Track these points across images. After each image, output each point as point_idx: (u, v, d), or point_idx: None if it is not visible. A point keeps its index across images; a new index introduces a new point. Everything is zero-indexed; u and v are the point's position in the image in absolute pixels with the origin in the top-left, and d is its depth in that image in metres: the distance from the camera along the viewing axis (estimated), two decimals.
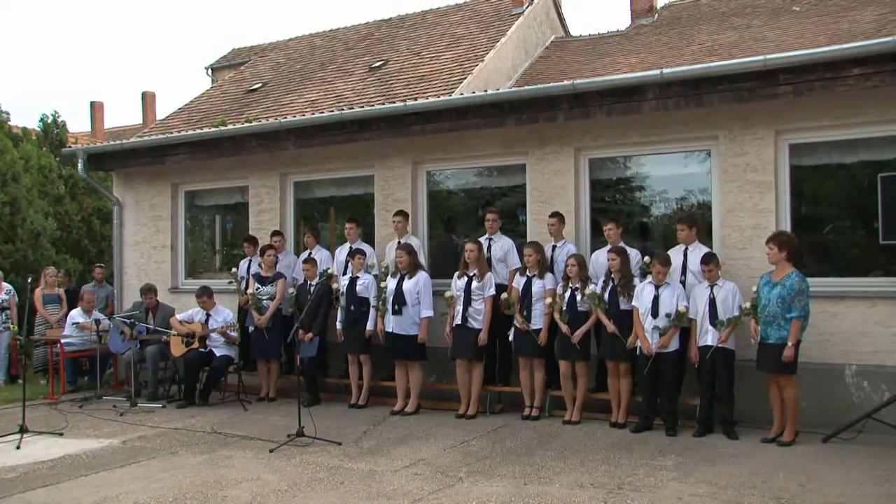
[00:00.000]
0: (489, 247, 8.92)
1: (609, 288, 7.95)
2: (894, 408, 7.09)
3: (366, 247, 9.67)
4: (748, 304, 7.35)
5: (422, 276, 8.81)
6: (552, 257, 8.64)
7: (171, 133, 12.17)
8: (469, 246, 8.58)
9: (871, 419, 7.06)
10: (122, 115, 66.90)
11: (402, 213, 9.60)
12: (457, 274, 8.69)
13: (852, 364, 7.67)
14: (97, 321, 10.66)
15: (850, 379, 7.67)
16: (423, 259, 9.39)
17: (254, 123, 11.01)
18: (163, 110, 30.29)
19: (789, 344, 6.93)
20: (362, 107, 10.44)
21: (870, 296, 7.68)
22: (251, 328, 9.89)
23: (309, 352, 9.17)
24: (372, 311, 9.05)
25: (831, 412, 7.50)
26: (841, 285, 7.88)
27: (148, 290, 10.45)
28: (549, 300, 8.16)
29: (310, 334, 9.20)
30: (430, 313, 8.75)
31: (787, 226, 8.01)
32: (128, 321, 10.09)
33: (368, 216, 10.38)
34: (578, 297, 8.05)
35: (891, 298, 7.59)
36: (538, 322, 8.24)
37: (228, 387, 9.99)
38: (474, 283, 8.49)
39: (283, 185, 11.17)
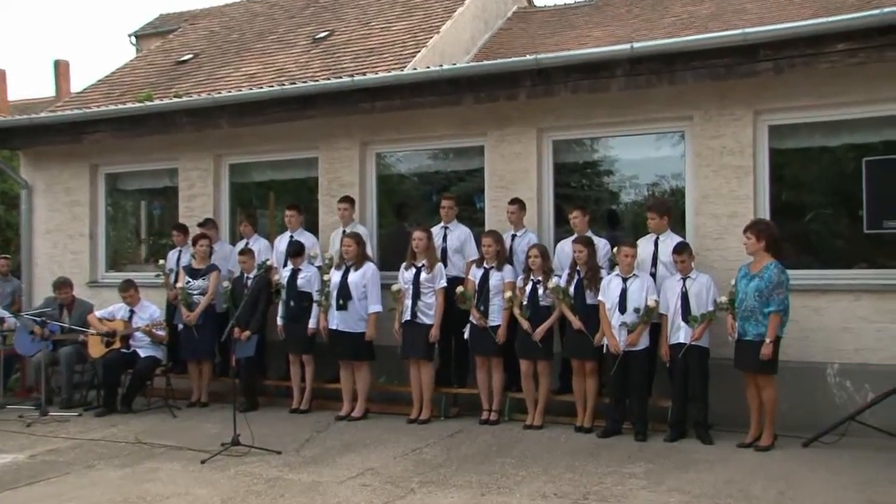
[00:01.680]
0: (444, 236, 8.93)
1: (574, 281, 7.95)
2: (879, 409, 7.17)
3: (308, 236, 9.63)
4: (724, 298, 7.40)
5: (369, 268, 8.77)
6: (512, 247, 8.63)
7: (90, 108, 11.84)
8: (416, 234, 8.55)
9: (854, 421, 7.13)
10: (31, 86, 65.40)
11: (348, 199, 9.55)
12: (403, 265, 8.65)
13: (835, 362, 7.76)
14: (1, 319, 10.35)
15: (833, 378, 7.75)
16: (371, 250, 9.34)
17: (184, 99, 10.83)
18: (79, 82, 29.71)
19: (767, 341, 6.98)
20: (305, 82, 10.34)
21: (854, 289, 7.78)
22: (180, 326, 9.76)
23: (245, 352, 9.06)
24: (315, 306, 8.97)
25: (812, 414, 7.56)
26: (823, 278, 7.95)
27: (62, 284, 10.18)
28: (508, 294, 8.15)
29: (247, 332, 9.11)
30: (378, 308, 8.70)
31: (766, 214, 8.06)
32: (38, 319, 9.79)
33: (312, 202, 10.31)
34: (540, 291, 8.03)
35: (875, 292, 7.70)
36: (497, 318, 8.23)
37: (155, 391, 9.80)
38: (423, 275, 8.45)
39: (218, 167, 11.04)
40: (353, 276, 8.68)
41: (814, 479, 6.24)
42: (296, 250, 9.14)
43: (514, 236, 8.72)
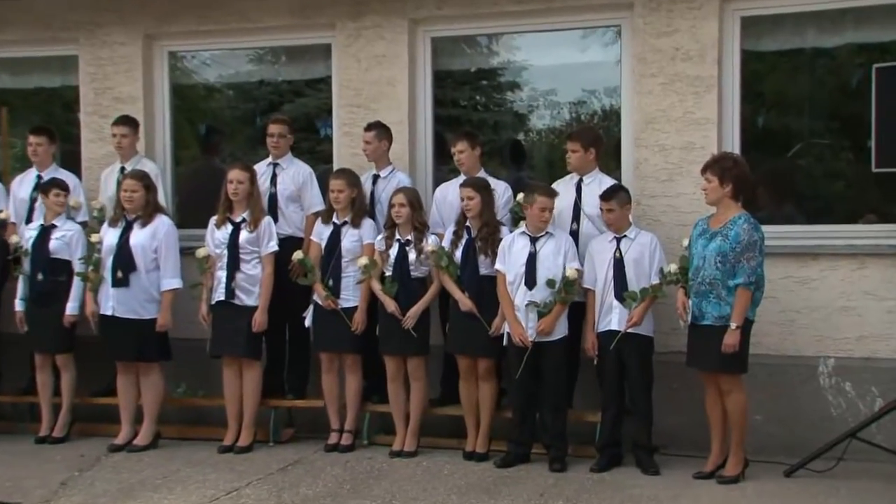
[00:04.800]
0: (274, 177, 8.89)
1: (463, 242, 7.91)
2: (889, 422, 7.28)
3: (67, 176, 9.24)
4: (674, 266, 7.38)
5: (162, 225, 8.57)
6: (373, 194, 8.65)
7: None
8: (234, 174, 8.36)
9: (855, 439, 7.13)
10: None
11: (127, 122, 9.25)
12: (214, 220, 8.48)
13: (829, 356, 7.81)
14: None
15: (826, 379, 7.79)
16: (164, 197, 9.11)
17: None
18: None
19: (733, 326, 6.94)
20: None
21: (857, 252, 7.81)
22: None
23: None
24: (77, 281, 8.71)
25: (797, 430, 7.65)
26: (814, 236, 8.00)
27: None
28: (364, 261, 8.03)
29: None
30: (175, 283, 8.57)
31: (734, 146, 8.07)
32: None
33: (69, 125, 10.17)
34: (412, 256, 8.00)
35: (887, 256, 7.73)
36: (352, 296, 8.23)
37: None
38: (243, 234, 8.32)
39: None
40: (137, 237, 8.47)
41: None
42: (55, 184, 8.80)
43: (376, 177, 8.72)
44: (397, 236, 8.04)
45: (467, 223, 7.91)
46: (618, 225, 7.52)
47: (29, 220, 9.10)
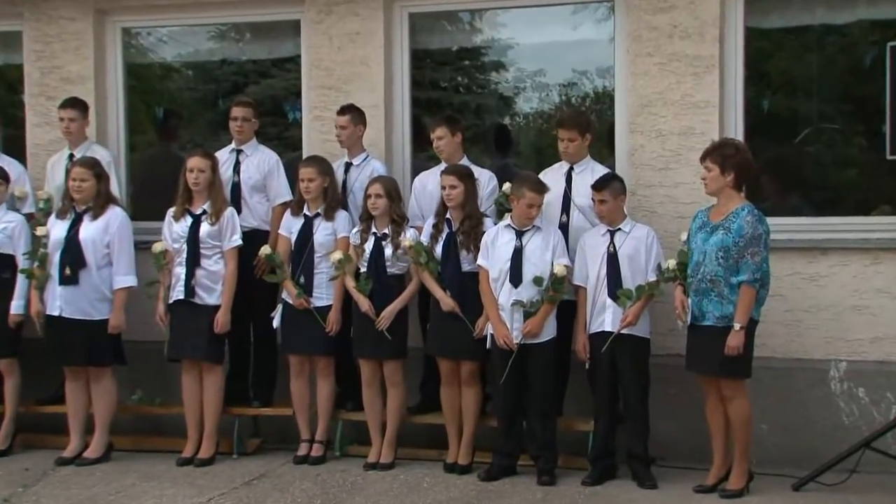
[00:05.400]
0: (237, 164, 8.83)
1: (444, 236, 7.90)
2: None
3: (10, 163, 9.12)
4: (672, 262, 7.35)
5: (115, 217, 8.46)
6: (345, 183, 8.60)
7: None
8: (194, 162, 8.28)
9: (869, 450, 7.10)
10: None
11: (76, 104, 9.15)
12: (172, 212, 8.42)
13: (840, 360, 7.80)
14: None
15: (837, 384, 7.78)
16: (117, 186, 9.02)
17: None
18: None
19: (736, 326, 6.89)
20: None
21: (870, 246, 7.81)
22: None
23: None
24: (20, 278, 8.59)
25: (806, 440, 7.66)
26: (823, 229, 7.99)
27: None
28: (338, 256, 7.95)
29: None
30: (130, 281, 8.44)
31: (737, 132, 8.07)
32: None
33: (13, 107, 10.16)
34: (388, 251, 7.94)
35: None
36: (324, 295, 8.21)
37: None
38: (204, 227, 8.25)
39: None
40: (87, 230, 8.36)
41: None
42: None
43: (348, 165, 8.67)
44: (373, 229, 8.01)
45: (448, 215, 7.89)
46: (611, 217, 7.47)
47: None
